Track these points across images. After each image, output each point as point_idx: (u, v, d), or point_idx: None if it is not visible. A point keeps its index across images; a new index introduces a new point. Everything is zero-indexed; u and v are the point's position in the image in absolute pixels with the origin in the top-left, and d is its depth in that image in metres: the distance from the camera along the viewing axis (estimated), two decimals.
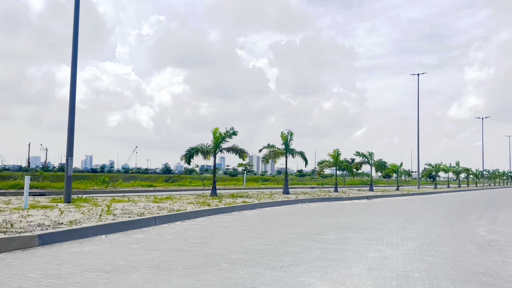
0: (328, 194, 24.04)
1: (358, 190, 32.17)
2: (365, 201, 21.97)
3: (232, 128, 17.94)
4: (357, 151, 31.50)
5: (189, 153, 17.96)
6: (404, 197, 26.99)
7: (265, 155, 22.48)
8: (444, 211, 16.69)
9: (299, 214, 13.29)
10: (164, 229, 8.90)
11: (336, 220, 11.89)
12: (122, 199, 14.90)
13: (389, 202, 21.42)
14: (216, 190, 17.98)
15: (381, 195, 26.29)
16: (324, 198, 20.19)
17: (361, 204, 19.42)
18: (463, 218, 13.62)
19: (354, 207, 17.30)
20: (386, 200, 23.60)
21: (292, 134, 22.51)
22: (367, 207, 17.26)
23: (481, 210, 17.78)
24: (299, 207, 16.21)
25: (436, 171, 46.20)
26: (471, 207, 19.27)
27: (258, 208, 14.47)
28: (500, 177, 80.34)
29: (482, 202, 23.83)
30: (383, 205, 19.29)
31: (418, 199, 25.27)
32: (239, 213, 12.88)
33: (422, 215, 14.49)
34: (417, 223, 11.69)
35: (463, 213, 15.96)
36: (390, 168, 36.09)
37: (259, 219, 11.46)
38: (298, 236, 8.45)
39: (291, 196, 20.43)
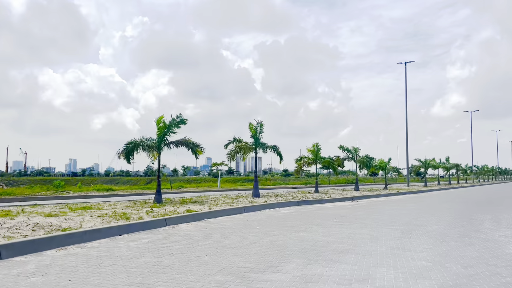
0: (306, 195, 20.64)
1: (343, 190, 28.93)
2: (349, 203, 18.64)
3: (180, 116, 14.30)
4: (341, 145, 28.33)
5: (127, 148, 14.26)
6: (394, 197, 23.81)
7: (230, 151, 18.94)
8: (446, 215, 13.43)
9: (257, 227, 9.79)
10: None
11: (305, 235, 8.44)
12: (12, 211, 11.19)
13: (377, 204, 18.14)
14: (161, 195, 14.33)
15: (368, 195, 23.05)
16: (300, 201, 16.76)
17: (344, 207, 16.07)
18: (476, 226, 10.34)
19: (335, 212, 13.91)
20: (373, 201, 20.34)
21: (262, 126, 19.04)
22: (351, 212, 13.90)
23: (489, 211, 14.62)
24: (263, 214, 12.72)
25: (426, 168, 43.49)
26: (476, 208, 16.12)
27: (206, 219, 10.92)
28: (489, 173, 78.66)
29: (484, 201, 20.79)
30: (371, 208, 15.97)
31: (410, 199, 22.09)
32: (171, 228, 9.30)
33: (422, 222, 11.17)
34: (420, 238, 8.33)
35: (471, 217, 12.71)
36: (377, 164, 33.02)
37: (191, 239, 7.92)
38: (226, 279, 4.93)
39: (259, 200, 16.93)
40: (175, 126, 14.27)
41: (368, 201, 19.92)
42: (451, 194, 28.67)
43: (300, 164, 23.76)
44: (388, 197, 24.08)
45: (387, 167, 32.85)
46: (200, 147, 14.95)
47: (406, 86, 38.15)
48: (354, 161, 28.43)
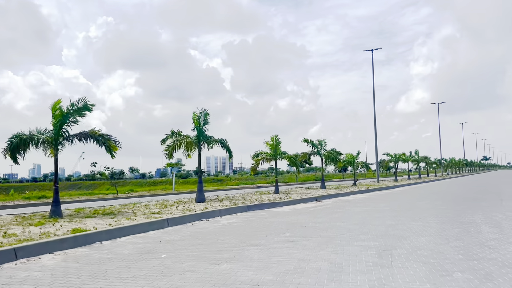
0: (262, 197, 17.56)
1: (307, 188, 26.14)
2: (312, 204, 15.72)
3: (84, 99, 10.75)
4: (305, 138, 25.52)
5: (11, 144, 10.57)
6: (363, 195, 21.16)
7: (168, 147, 15.55)
8: (431, 218, 10.71)
9: (164, 254, 6.56)
10: None
11: (229, 271, 5.34)
12: None
13: (344, 205, 15.31)
14: (59, 206, 10.71)
15: (334, 193, 20.28)
16: (251, 206, 13.64)
17: (305, 211, 13.10)
18: (476, 236, 7.59)
19: (290, 220, 10.87)
20: (340, 201, 17.54)
21: (208, 115, 15.77)
22: (311, 219, 10.92)
23: (479, 210, 12.08)
24: (191, 229, 9.50)
25: (396, 162, 41.64)
26: (461, 207, 13.59)
27: (99, 242, 7.56)
28: (456, 165, 78.92)
29: (465, 197, 18.47)
30: (337, 211, 13.08)
31: (382, 197, 19.48)
32: (14, 265, 5.90)
33: (403, 232, 8.32)
34: (407, 264, 5.42)
35: (462, 220, 10.04)
36: (345, 159, 30.51)
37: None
38: None
39: (200, 206, 13.69)
40: (77, 114, 10.73)
41: (334, 202, 17.08)
42: (425, 189, 26.49)
43: (257, 161, 20.71)
44: (357, 195, 21.41)
45: (355, 162, 30.43)
46: (115, 141, 11.45)
47: (373, 73, 35.99)
48: (319, 155, 25.70)
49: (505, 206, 14.13)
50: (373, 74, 36.07)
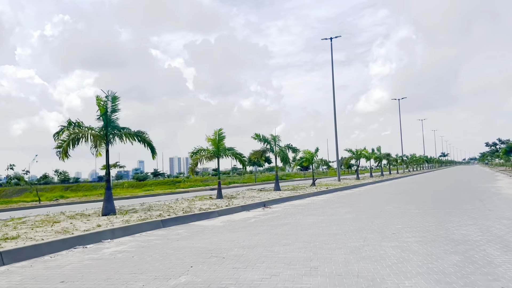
0: (195, 205, 14.06)
1: (260, 191, 22.92)
2: (256, 212, 12.45)
3: None
4: (256, 133, 22.26)
5: None
6: (321, 197, 18.16)
7: (62, 143, 11.66)
8: (409, 233, 7.65)
9: None
10: None
11: None
12: None
13: (296, 212, 12.14)
14: None
15: (287, 196, 17.13)
16: (168, 220, 10.11)
17: (240, 225, 9.79)
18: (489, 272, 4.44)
19: (209, 242, 7.52)
20: (293, 206, 14.39)
21: (117, 99, 12.04)
22: (241, 240, 7.64)
23: (465, 217, 9.24)
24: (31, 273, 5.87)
25: (357, 158, 39.39)
26: (440, 212, 10.79)
27: None
28: (418, 162, 78.88)
29: (440, 197, 15.86)
30: (282, 223, 9.85)
31: (343, 200, 16.53)
32: None
33: (375, 269, 5.12)
34: None
35: (456, 238, 7.07)
36: (303, 157, 27.56)
37: None
38: None
39: (95, 222, 10.00)
40: None
41: (285, 207, 13.88)
42: (390, 188, 23.97)
43: (195, 159, 17.14)
44: (314, 197, 18.38)
45: (314, 159, 27.55)
46: None
47: (332, 64, 33.37)
48: (272, 152, 22.53)
49: (491, 208, 11.48)
50: (332, 64, 33.50)
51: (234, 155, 17.32)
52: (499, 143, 52.42)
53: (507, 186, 21.40)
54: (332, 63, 33.68)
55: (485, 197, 15.12)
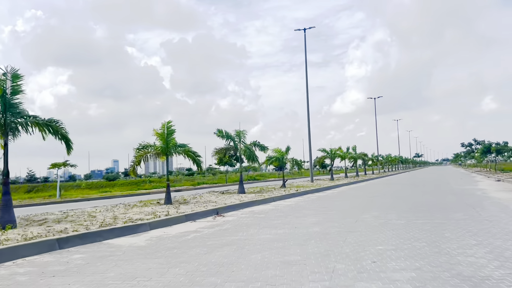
0: (124, 215, 11.38)
1: (222, 193, 20.41)
2: (204, 223, 9.99)
3: None
4: (218, 129, 19.69)
5: None
6: (289, 202, 15.82)
7: None
8: (396, 261, 5.30)
9: None
10: None
11: None
12: None
13: (251, 224, 9.74)
14: None
15: (250, 201, 14.68)
16: (67, 239, 7.41)
17: (174, 243, 7.34)
18: None
19: (106, 277, 4.96)
20: (252, 214, 12.00)
21: (19, 77, 9.28)
22: (159, 271, 5.21)
23: (469, 235, 7.00)
24: None
25: (332, 158, 37.43)
26: (432, 224, 8.58)
27: None
28: (393, 162, 78.10)
29: (424, 202, 13.75)
30: (227, 242, 7.47)
31: (312, 205, 14.22)
32: None
33: None
34: None
35: (464, 272, 4.66)
36: (272, 156, 25.19)
37: None
38: None
39: None
40: None
41: (242, 216, 11.42)
42: (366, 190, 21.88)
43: (139, 157, 14.45)
44: (281, 201, 16.01)
45: (285, 159, 25.22)
46: None
47: (306, 57, 31.18)
48: (236, 150, 20.05)
49: (488, 218, 9.37)
50: (305, 56, 31.29)
51: (186, 153, 14.68)
52: (474, 143, 51.82)
53: (492, 189, 19.66)
54: (305, 55, 31.54)
55: (475, 203, 13.10)
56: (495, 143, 41.10)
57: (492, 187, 21.00)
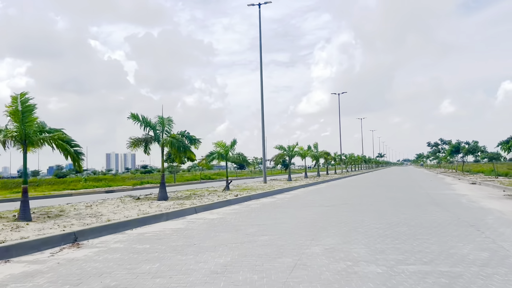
0: None
1: (136, 199, 15.59)
2: (27, 267, 5.17)
3: None
4: (132, 113, 14.85)
5: None
6: (215, 215, 11.36)
7: None
8: None
9: None
10: None
11: None
12: None
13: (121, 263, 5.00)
14: None
15: (155, 214, 10.00)
16: None
17: None
18: None
19: None
20: (135, 240, 7.43)
21: None
22: None
23: None
24: None
25: (290, 156, 33.31)
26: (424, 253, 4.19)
27: None
28: (356, 162, 75.50)
29: (403, 215, 9.55)
30: None
31: (244, 223, 9.81)
32: None
33: None
34: None
35: None
36: (216, 152, 20.56)
37: None
38: None
39: None
40: None
41: (101, 250, 6.75)
42: (325, 194, 17.67)
43: None
44: (203, 213, 11.45)
45: (228, 156, 20.62)
46: None
47: (260, 37, 26.74)
48: (157, 142, 15.25)
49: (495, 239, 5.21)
50: (260, 32, 26.82)
51: (54, 141, 9.64)
52: (441, 143, 49.55)
53: (476, 195, 15.99)
54: (260, 33, 27.02)
55: (475, 220, 9.06)
56: (465, 142, 38.61)
57: (474, 192, 17.40)
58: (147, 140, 15.64)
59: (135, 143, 15.59)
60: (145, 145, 15.84)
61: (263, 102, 27.06)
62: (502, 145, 21.53)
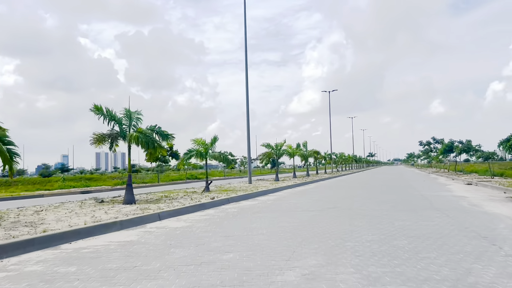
0: None
1: (99, 203, 13.95)
2: None
3: None
4: (95, 105, 13.18)
5: None
6: (183, 222, 9.89)
7: None
8: None
9: None
10: None
11: None
12: None
13: None
14: None
15: (99, 224, 8.38)
16: None
17: None
18: None
19: None
20: (84, 260, 5.87)
21: None
22: None
23: None
24: None
25: (278, 155, 31.78)
26: None
27: None
28: (347, 161, 74.30)
29: (403, 230, 8.05)
30: None
31: (225, 229, 8.16)
32: None
33: None
34: None
35: None
36: (195, 150, 18.94)
37: None
38: None
39: None
40: None
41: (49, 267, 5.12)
42: (312, 197, 16.17)
43: None
44: (171, 220, 9.87)
45: (208, 154, 19.00)
46: None
47: (245, 24, 25.09)
48: (123, 138, 13.59)
49: None
50: (245, 16, 25.19)
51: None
52: (433, 142, 48.44)
53: (477, 197, 14.63)
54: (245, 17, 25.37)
55: (486, 232, 7.59)
56: (458, 141, 37.48)
57: (473, 194, 16.07)
58: (113, 136, 13.96)
59: (99, 139, 13.89)
60: (111, 141, 14.16)
61: (248, 97, 25.47)
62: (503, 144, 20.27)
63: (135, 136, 13.03)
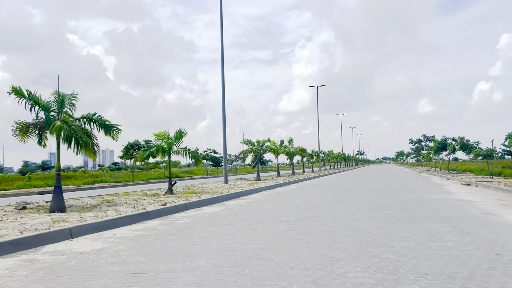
0: None
1: (20, 209, 11.18)
2: None
3: None
4: (13, 87, 10.41)
5: None
6: (104, 244, 7.07)
7: None
8: None
9: None
10: None
11: None
12: None
13: None
14: None
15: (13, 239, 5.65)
16: None
17: None
18: None
19: None
20: None
21: None
22: None
23: None
24: None
25: (260, 153, 29.18)
26: None
27: None
28: (335, 159, 72.06)
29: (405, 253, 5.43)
30: None
31: (151, 257, 5.46)
32: None
33: None
34: None
35: None
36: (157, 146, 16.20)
37: None
38: None
39: None
40: None
41: None
42: (293, 199, 13.53)
43: None
44: (85, 239, 7.17)
45: (172, 150, 16.30)
46: None
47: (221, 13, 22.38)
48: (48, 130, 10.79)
49: None
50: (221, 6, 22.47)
51: None
52: (424, 140, 46.42)
53: (482, 200, 12.19)
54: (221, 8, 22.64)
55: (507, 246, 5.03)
56: (451, 139, 35.38)
57: (479, 198, 13.65)
58: (41, 126, 11.16)
59: (22, 130, 11.08)
60: (39, 133, 11.35)
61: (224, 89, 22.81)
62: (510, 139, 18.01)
63: (57, 126, 10.20)
